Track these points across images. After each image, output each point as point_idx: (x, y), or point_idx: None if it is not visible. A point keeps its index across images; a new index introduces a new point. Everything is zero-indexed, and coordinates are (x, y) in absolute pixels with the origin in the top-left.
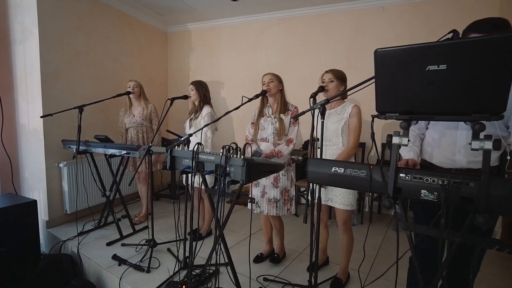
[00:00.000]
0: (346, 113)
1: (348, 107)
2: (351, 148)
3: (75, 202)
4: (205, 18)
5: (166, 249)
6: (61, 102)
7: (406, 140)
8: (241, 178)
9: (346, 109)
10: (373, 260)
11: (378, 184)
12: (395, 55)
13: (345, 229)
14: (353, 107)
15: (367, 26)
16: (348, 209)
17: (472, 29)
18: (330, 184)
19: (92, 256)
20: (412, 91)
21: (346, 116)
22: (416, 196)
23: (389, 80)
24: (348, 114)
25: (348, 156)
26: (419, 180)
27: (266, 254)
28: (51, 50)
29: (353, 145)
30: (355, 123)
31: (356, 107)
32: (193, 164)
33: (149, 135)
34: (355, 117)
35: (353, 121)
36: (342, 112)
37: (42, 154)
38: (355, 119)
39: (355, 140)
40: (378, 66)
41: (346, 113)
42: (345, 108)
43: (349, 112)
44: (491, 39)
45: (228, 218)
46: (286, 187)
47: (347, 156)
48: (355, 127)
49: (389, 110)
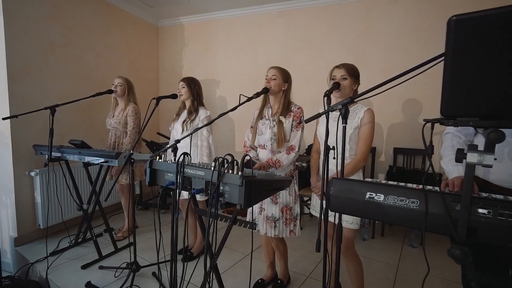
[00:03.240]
0: (357, 117)
1: (360, 110)
2: (359, 160)
3: (50, 215)
4: (200, 10)
5: (151, 273)
6: (32, 101)
7: (492, 159)
8: (239, 201)
9: (357, 113)
10: (393, 286)
11: (439, 221)
12: (488, 23)
13: (349, 255)
14: (366, 111)
15: (377, 18)
16: (353, 228)
17: None
18: (365, 217)
19: (63, 283)
20: (509, 82)
21: (357, 121)
22: (504, 242)
23: (470, 65)
24: (359, 120)
25: (354, 169)
26: (509, 218)
27: (268, 280)
28: (20, 41)
29: (362, 157)
30: (367, 131)
31: (370, 112)
32: (178, 180)
33: (122, 140)
34: (368, 124)
35: (365, 129)
36: (353, 116)
37: (9, 161)
38: (368, 127)
39: (365, 150)
40: (454, 43)
41: (357, 118)
42: (356, 112)
43: (361, 117)
44: None
45: (222, 246)
46: (287, 204)
47: (353, 169)
48: (367, 135)
49: (464, 112)
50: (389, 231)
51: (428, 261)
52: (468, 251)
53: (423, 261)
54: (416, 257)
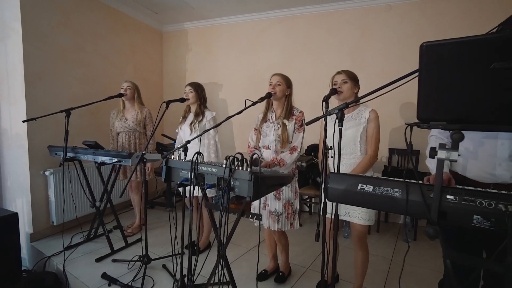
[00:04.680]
0: (364, 118)
1: (365, 111)
2: (372, 156)
3: (62, 213)
4: (203, 16)
5: (161, 265)
6: (46, 104)
7: (456, 155)
8: (248, 194)
9: (363, 114)
10: (386, 277)
11: (417, 207)
12: (449, 49)
13: (361, 245)
14: (371, 111)
15: (373, 25)
16: (368, 224)
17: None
18: (356, 205)
19: (79, 274)
20: (469, 94)
21: (363, 121)
22: (467, 223)
23: (438, 80)
24: (366, 119)
25: (368, 166)
26: (470, 203)
27: (270, 271)
28: (35, 48)
29: (374, 154)
30: (374, 129)
31: (374, 112)
32: (192, 177)
33: (142, 141)
34: (373, 122)
35: (371, 127)
36: (359, 117)
37: (26, 161)
38: (374, 124)
39: (375, 148)
40: (425, 63)
41: (363, 118)
42: (361, 113)
43: (367, 117)
44: None
45: (231, 236)
46: (289, 200)
47: (367, 167)
48: (375, 133)
49: (435, 117)
50: (384, 228)
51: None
52: (438, 229)
53: (415, 254)
54: (409, 251)
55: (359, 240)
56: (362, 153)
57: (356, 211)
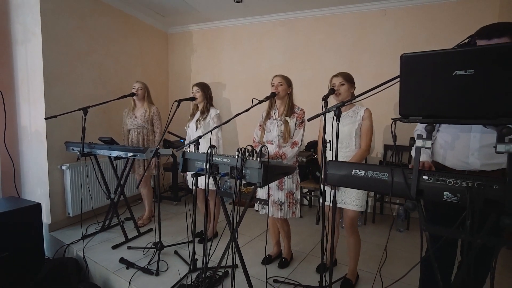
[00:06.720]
0: (359, 115)
1: (361, 110)
2: (364, 150)
3: (77, 204)
4: (208, 19)
5: (173, 251)
6: (63, 103)
7: (430, 143)
8: (258, 180)
9: (358, 112)
10: (380, 261)
11: (400, 187)
12: (422, 60)
13: (353, 230)
14: (366, 110)
15: (369, 29)
16: (360, 210)
17: (482, 35)
18: (350, 186)
19: (99, 259)
20: (437, 95)
21: (359, 118)
22: (439, 198)
23: (414, 84)
24: (361, 117)
25: (361, 158)
26: (441, 182)
27: (274, 255)
28: (53, 51)
29: (366, 148)
30: (367, 126)
31: (368, 111)
32: (207, 166)
33: (150, 137)
34: (367, 120)
35: (365, 124)
36: (355, 115)
37: (44, 156)
38: (368, 122)
39: (368, 142)
40: (404, 70)
41: (359, 116)
42: (357, 111)
43: (362, 115)
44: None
45: (241, 221)
46: (291, 190)
47: (360, 158)
48: (368, 130)
49: (413, 113)
50: (380, 219)
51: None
52: (416, 203)
53: (408, 243)
54: (402, 239)
55: (351, 226)
56: (357, 147)
57: (350, 199)
